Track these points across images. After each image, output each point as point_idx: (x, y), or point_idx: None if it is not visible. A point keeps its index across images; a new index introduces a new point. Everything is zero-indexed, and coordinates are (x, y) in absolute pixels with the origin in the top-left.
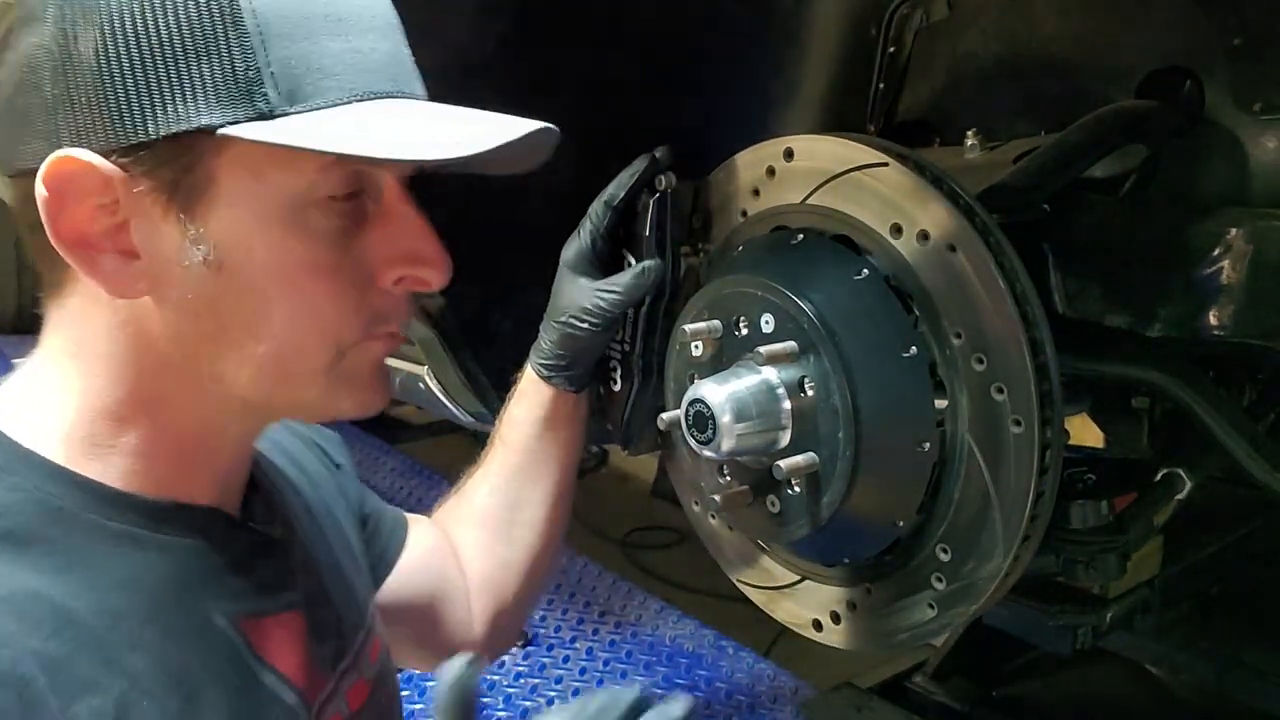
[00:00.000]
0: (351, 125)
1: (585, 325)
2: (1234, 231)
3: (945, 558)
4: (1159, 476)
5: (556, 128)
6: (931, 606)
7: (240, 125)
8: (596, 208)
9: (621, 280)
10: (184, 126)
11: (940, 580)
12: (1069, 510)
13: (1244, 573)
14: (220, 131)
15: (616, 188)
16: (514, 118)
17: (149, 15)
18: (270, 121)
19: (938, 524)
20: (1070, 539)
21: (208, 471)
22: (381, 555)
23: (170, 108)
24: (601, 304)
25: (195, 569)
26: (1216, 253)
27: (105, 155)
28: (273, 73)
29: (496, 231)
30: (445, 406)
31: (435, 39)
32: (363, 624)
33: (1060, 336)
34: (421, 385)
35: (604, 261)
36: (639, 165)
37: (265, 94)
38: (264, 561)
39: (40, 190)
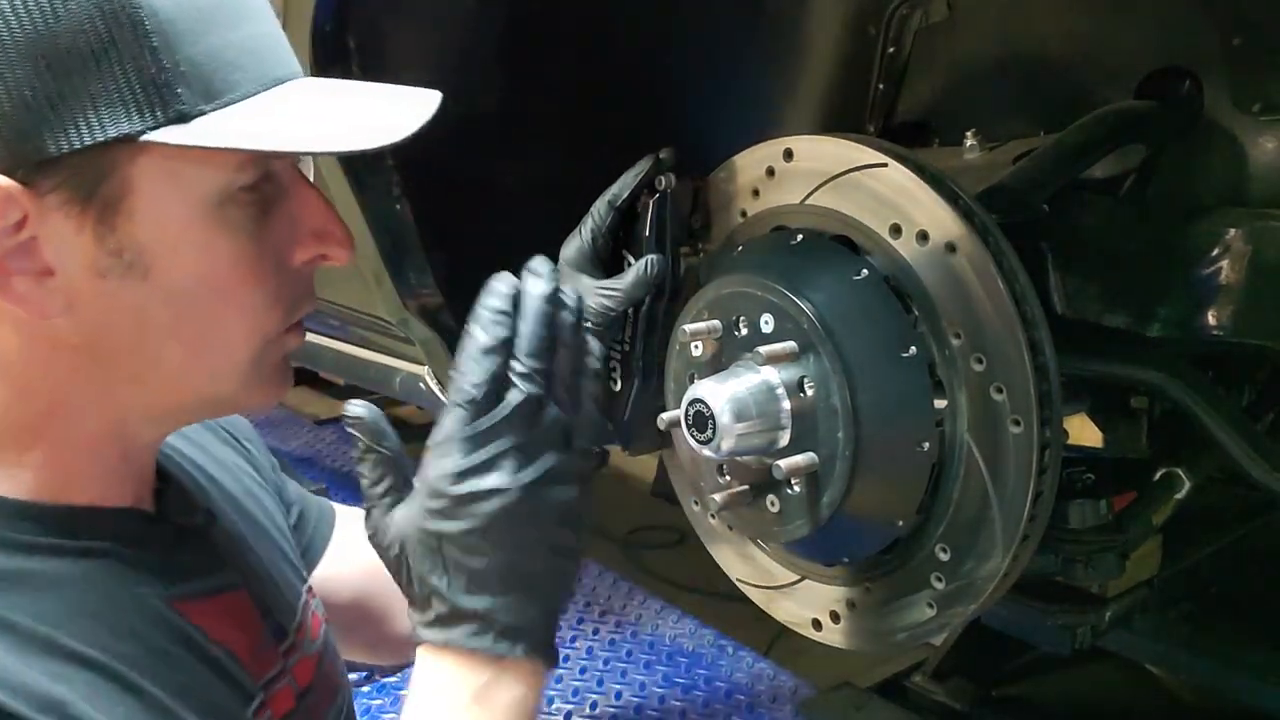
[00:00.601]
0: (275, 117)
1: (588, 325)
2: (1233, 232)
3: (944, 557)
4: (1158, 476)
5: (439, 94)
6: (931, 606)
7: (162, 130)
8: (599, 206)
9: (624, 280)
10: (99, 138)
11: (939, 580)
12: (1068, 510)
13: (1244, 573)
14: (144, 139)
15: (620, 187)
16: (403, 88)
17: (43, 27)
18: (191, 124)
19: (937, 524)
20: (1069, 538)
21: (120, 473)
22: (308, 547)
23: (82, 120)
24: (605, 304)
25: (118, 568)
26: (1215, 253)
27: (9, 173)
28: (184, 72)
29: (496, 230)
30: None
31: (434, 35)
32: (300, 600)
33: (1059, 336)
34: (421, 385)
35: (604, 260)
36: (643, 165)
37: (180, 95)
38: (189, 550)
39: None
